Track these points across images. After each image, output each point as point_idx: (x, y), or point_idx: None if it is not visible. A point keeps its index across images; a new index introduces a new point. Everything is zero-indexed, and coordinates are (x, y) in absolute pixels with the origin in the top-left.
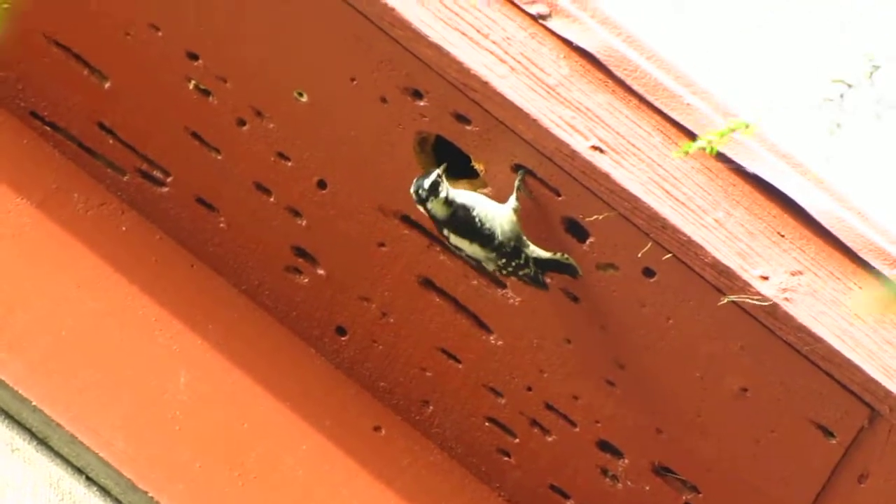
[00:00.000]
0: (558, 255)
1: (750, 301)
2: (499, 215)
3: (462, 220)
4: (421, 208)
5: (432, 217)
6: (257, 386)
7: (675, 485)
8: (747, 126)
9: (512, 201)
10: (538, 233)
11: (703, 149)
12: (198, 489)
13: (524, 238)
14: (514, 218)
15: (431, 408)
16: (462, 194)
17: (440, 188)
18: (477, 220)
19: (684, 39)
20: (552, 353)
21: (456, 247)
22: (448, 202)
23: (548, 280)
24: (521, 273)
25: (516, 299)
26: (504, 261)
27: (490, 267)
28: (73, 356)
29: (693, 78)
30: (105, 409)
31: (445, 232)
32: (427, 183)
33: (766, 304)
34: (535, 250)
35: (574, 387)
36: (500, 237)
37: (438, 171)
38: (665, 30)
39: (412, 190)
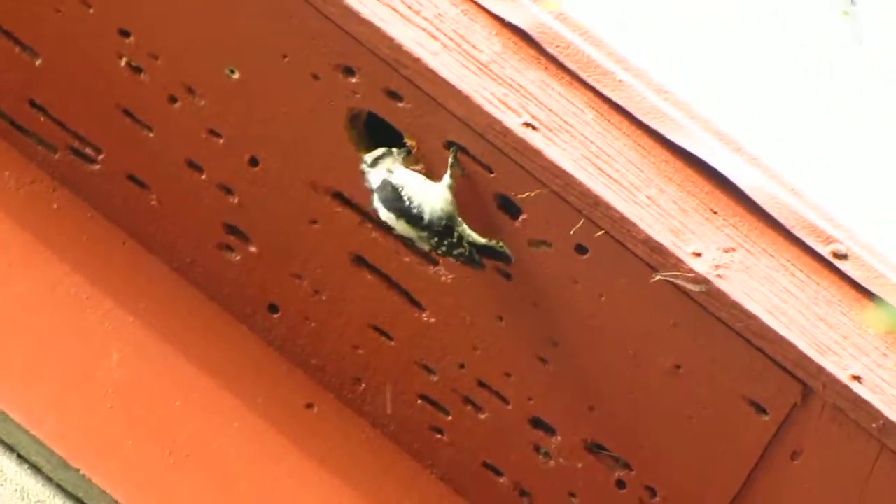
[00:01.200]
0: (493, 242)
1: (683, 277)
2: (432, 195)
3: (391, 197)
4: (372, 175)
5: (373, 196)
6: (189, 364)
7: (608, 462)
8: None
9: (446, 179)
10: (471, 210)
11: None
12: (130, 467)
13: (458, 218)
14: (448, 195)
15: (364, 385)
16: (398, 174)
17: (382, 160)
18: (406, 198)
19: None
20: (484, 331)
21: (387, 224)
22: (389, 173)
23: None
24: (455, 252)
25: (448, 276)
26: (436, 240)
27: (424, 247)
28: (4, 334)
29: (624, 55)
30: (36, 388)
31: (377, 204)
32: (369, 158)
33: (698, 280)
34: (469, 233)
35: (507, 364)
36: (428, 216)
37: (387, 148)
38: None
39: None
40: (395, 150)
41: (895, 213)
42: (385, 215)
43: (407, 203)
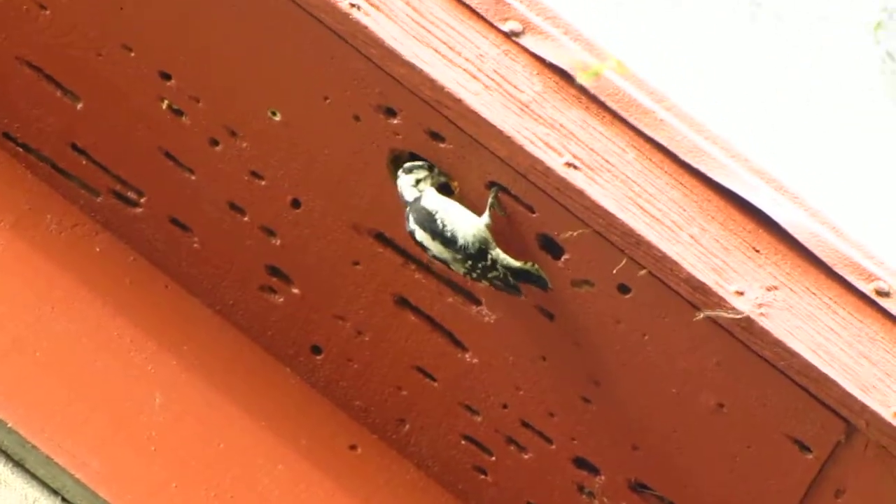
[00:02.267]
0: (528, 265)
1: (725, 316)
2: (467, 223)
3: (426, 218)
4: (400, 186)
5: (408, 219)
6: (233, 406)
7: (652, 501)
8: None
9: (485, 217)
10: (512, 249)
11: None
12: None
13: (491, 242)
14: (485, 233)
15: (408, 426)
16: (433, 198)
17: (416, 171)
18: (439, 221)
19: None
20: (527, 371)
21: (422, 245)
22: (422, 197)
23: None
24: (490, 276)
25: (491, 317)
26: (470, 263)
27: (459, 269)
28: (48, 378)
29: (665, 93)
30: (80, 431)
31: (413, 226)
32: (409, 164)
33: (741, 319)
34: (503, 257)
35: (550, 404)
36: (462, 240)
37: (426, 163)
38: (639, 44)
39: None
40: (435, 168)
41: None
42: (420, 235)
43: (440, 226)
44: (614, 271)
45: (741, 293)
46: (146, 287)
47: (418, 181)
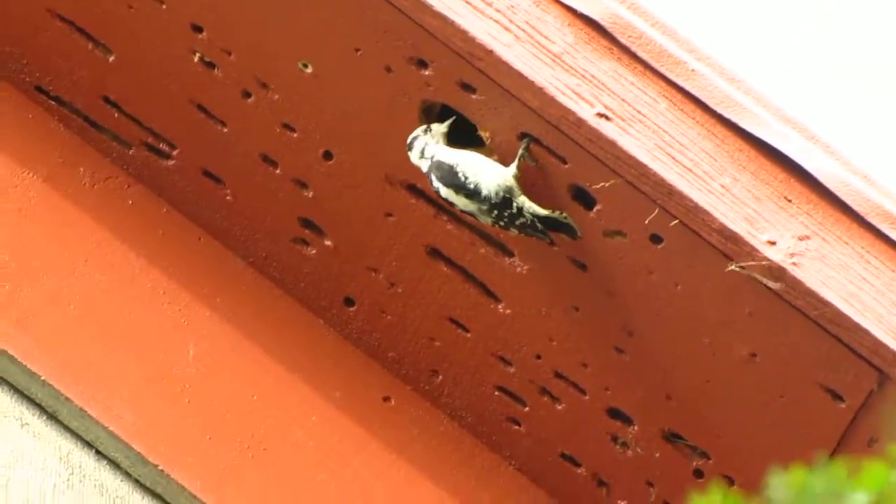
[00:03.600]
0: (556, 213)
1: (757, 265)
2: (488, 173)
3: (447, 173)
4: (422, 160)
5: (430, 176)
6: (266, 358)
7: (686, 451)
8: None
9: (512, 168)
10: (545, 200)
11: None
12: (208, 462)
13: (517, 190)
14: (512, 183)
15: (441, 377)
16: (447, 153)
17: (415, 143)
18: (461, 174)
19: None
20: (561, 322)
21: (448, 200)
22: (426, 157)
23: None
24: (517, 223)
25: (524, 268)
26: (496, 212)
27: (486, 220)
28: (82, 330)
29: (696, 44)
30: (114, 383)
31: (439, 188)
32: (419, 139)
33: (773, 268)
34: (529, 204)
35: (583, 355)
36: (486, 191)
37: (422, 128)
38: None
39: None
40: (433, 126)
41: None
42: (445, 192)
43: (462, 179)
44: (646, 221)
45: (773, 243)
46: (179, 239)
47: (423, 150)
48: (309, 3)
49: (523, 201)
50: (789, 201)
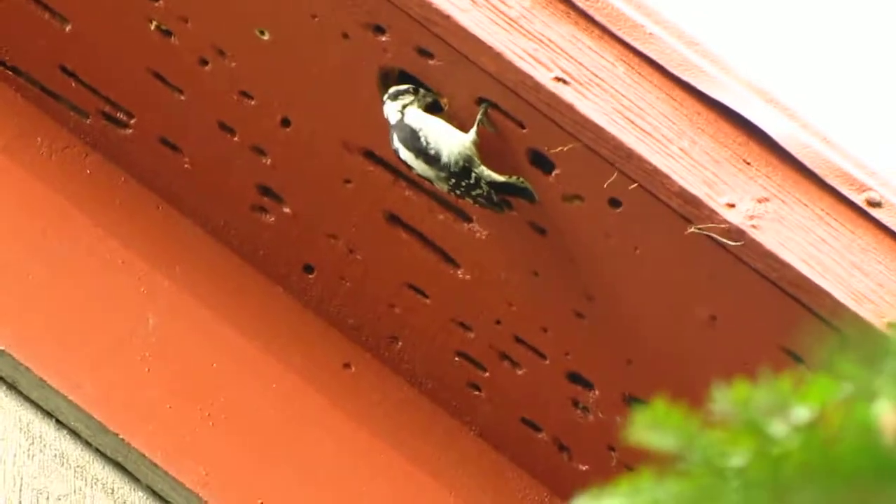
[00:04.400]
0: (513, 179)
1: (716, 228)
2: (452, 140)
3: (409, 135)
4: (386, 111)
5: (393, 137)
6: (226, 326)
7: None
8: None
9: (471, 134)
10: (503, 165)
11: None
12: (168, 430)
13: (476, 160)
14: (472, 149)
15: (401, 344)
16: (415, 116)
17: (400, 97)
18: (423, 139)
19: None
20: (520, 286)
21: (406, 163)
22: (403, 115)
23: (513, 213)
24: (473, 194)
25: (483, 233)
26: (454, 181)
27: (442, 187)
28: (40, 300)
29: (654, 7)
30: (73, 353)
31: (400, 150)
32: (393, 89)
33: (732, 230)
34: (488, 173)
35: (543, 319)
36: (446, 158)
37: (411, 87)
38: None
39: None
40: (421, 90)
41: None
42: (404, 154)
43: (424, 144)
44: (605, 185)
45: (732, 205)
46: (137, 208)
47: (405, 106)
48: None
49: (481, 171)
50: (748, 164)
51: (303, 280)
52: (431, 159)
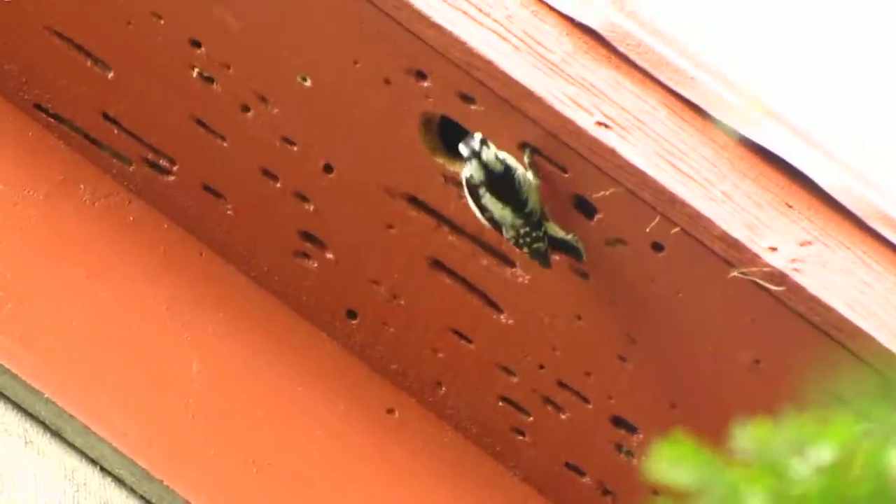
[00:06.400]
0: (570, 237)
1: (759, 272)
2: (531, 185)
3: (503, 180)
4: (470, 164)
5: (472, 175)
6: (269, 372)
7: None
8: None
9: (531, 175)
10: (545, 207)
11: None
12: (213, 477)
13: (546, 212)
14: (536, 190)
15: (444, 389)
16: (506, 156)
17: (489, 142)
18: (517, 182)
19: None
20: (563, 331)
21: (484, 207)
22: (498, 159)
23: (555, 258)
24: (534, 246)
25: (525, 277)
26: (527, 230)
27: (509, 234)
28: (85, 347)
29: (696, 51)
30: (118, 399)
31: (481, 191)
32: (478, 138)
33: (775, 274)
34: (553, 228)
35: (586, 363)
36: (531, 205)
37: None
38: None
39: (464, 146)
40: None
41: None
42: (487, 199)
43: (517, 186)
44: (647, 229)
45: (775, 249)
46: (181, 254)
47: (481, 150)
48: (307, 15)
49: (550, 224)
50: (790, 207)
51: (346, 326)
52: (520, 205)
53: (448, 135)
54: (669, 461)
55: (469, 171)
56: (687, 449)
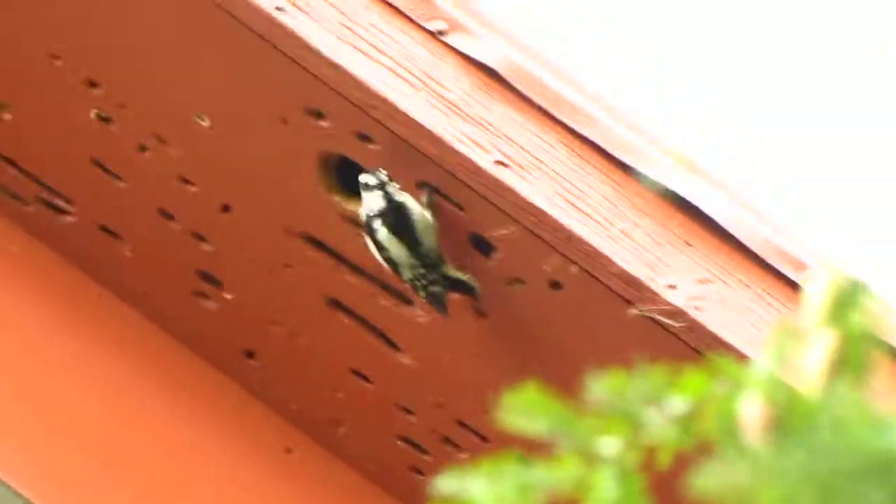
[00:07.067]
0: (466, 276)
1: (659, 310)
2: (428, 225)
3: (400, 217)
4: (372, 194)
5: (371, 208)
6: (167, 411)
7: None
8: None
9: (429, 216)
10: (444, 248)
11: None
12: None
13: (443, 256)
14: (434, 233)
15: (343, 428)
16: (406, 198)
17: (382, 177)
18: (413, 222)
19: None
20: (462, 370)
21: (380, 244)
22: (399, 193)
23: (454, 297)
24: (430, 289)
25: (425, 317)
26: (423, 271)
27: (406, 275)
28: None
29: (594, 90)
30: (9, 441)
31: (377, 224)
32: (383, 171)
33: (674, 312)
34: (452, 269)
35: (485, 402)
36: (426, 246)
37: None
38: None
39: (366, 177)
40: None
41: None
42: (383, 235)
43: (412, 225)
44: (546, 268)
45: (674, 287)
46: (79, 296)
47: (390, 187)
48: (203, 55)
49: (447, 267)
50: (690, 245)
51: (244, 365)
52: (415, 243)
53: (346, 174)
54: (521, 409)
55: (369, 202)
56: (538, 397)
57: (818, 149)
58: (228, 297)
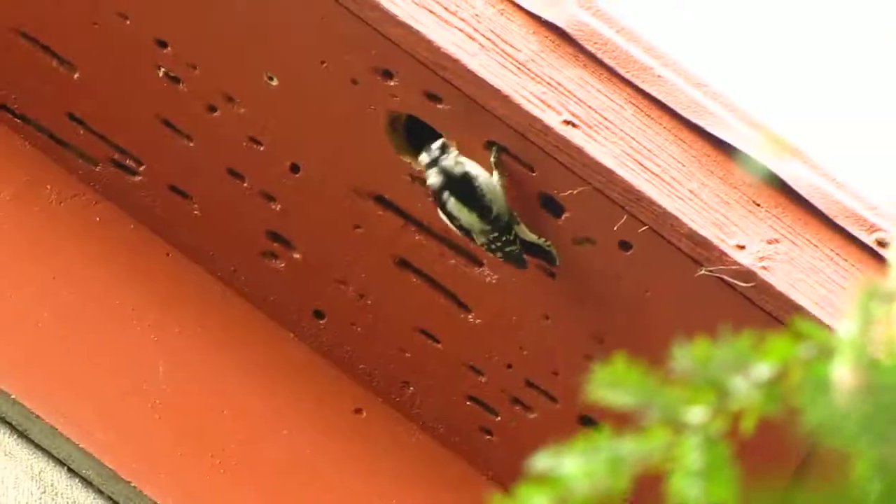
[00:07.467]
0: (541, 241)
1: (728, 271)
2: (499, 192)
3: (466, 186)
4: (431, 172)
5: (435, 182)
6: (236, 373)
7: None
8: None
9: (496, 177)
10: (514, 209)
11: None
12: (180, 477)
13: (515, 215)
14: (502, 193)
15: (412, 388)
16: (467, 162)
17: (450, 149)
18: (479, 189)
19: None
20: (531, 330)
21: (451, 214)
22: (458, 164)
23: (526, 258)
24: (507, 249)
25: (493, 277)
26: (496, 234)
27: (480, 240)
28: (51, 349)
29: (662, 49)
30: (85, 401)
31: (445, 196)
32: (437, 145)
33: (743, 272)
34: (523, 230)
35: (554, 363)
36: (496, 210)
37: (443, 139)
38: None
39: (424, 154)
40: (442, 138)
41: None
42: (453, 205)
43: (479, 192)
44: (615, 228)
45: (742, 247)
46: (147, 255)
47: (454, 156)
48: (274, 15)
49: (521, 228)
50: (758, 205)
51: (313, 325)
52: (484, 210)
53: (415, 134)
54: (608, 383)
55: (431, 178)
56: (625, 370)
57: (821, 134)
58: (297, 256)
